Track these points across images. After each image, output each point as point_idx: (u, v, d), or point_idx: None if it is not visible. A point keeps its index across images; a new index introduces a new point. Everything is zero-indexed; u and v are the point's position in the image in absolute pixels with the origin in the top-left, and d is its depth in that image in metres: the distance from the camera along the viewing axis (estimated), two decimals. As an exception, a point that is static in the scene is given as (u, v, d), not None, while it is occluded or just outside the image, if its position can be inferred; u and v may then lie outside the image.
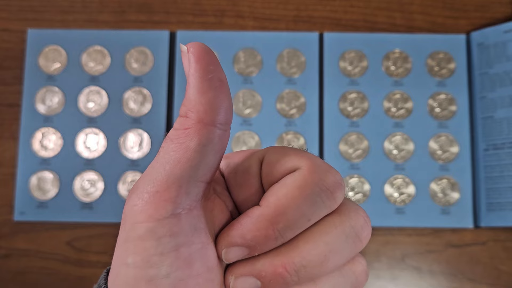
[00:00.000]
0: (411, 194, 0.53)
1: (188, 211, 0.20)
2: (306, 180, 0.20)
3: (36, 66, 0.55)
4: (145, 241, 0.19)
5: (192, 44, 0.20)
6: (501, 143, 0.52)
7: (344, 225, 0.21)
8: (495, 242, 0.53)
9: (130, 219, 0.20)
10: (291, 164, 0.21)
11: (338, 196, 0.21)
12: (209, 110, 0.19)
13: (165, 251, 0.19)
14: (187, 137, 0.19)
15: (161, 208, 0.19)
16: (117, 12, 0.56)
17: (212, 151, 0.20)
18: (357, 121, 0.54)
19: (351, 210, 0.21)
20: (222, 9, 0.56)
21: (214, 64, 0.20)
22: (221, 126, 0.20)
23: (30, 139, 0.53)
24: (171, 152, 0.19)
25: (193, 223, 0.20)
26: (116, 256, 0.20)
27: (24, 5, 0.56)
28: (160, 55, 0.55)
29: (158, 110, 0.54)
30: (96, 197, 0.52)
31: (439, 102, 0.54)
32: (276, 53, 0.55)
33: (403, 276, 0.52)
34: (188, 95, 0.20)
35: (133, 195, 0.20)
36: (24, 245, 0.52)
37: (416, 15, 0.56)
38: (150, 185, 0.19)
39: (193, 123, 0.19)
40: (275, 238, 0.20)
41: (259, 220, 0.20)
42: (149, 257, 0.19)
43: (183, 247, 0.20)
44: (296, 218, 0.20)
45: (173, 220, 0.19)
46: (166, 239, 0.19)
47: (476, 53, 0.55)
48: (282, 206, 0.20)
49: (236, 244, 0.20)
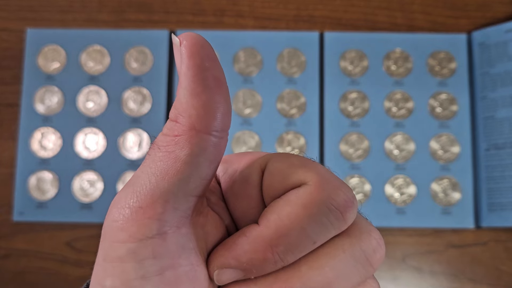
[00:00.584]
0: (412, 194, 0.52)
1: (175, 229, 0.17)
2: (313, 197, 0.18)
3: (35, 65, 0.54)
4: (125, 263, 0.17)
5: (186, 35, 0.17)
6: (502, 142, 0.52)
7: (354, 248, 0.18)
8: (496, 242, 0.53)
9: (110, 237, 0.17)
10: (296, 178, 0.18)
11: (348, 217, 0.18)
12: (203, 115, 0.17)
13: (148, 275, 0.17)
14: (176, 145, 0.17)
15: (144, 227, 0.17)
16: (117, 11, 0.56)
17: (206, 161, 0.17)
18: (357, 121, 0.54)
19: (362, 231, 0.19)
20: (222, 9, 0.56)
21: (211, 59, 0.17)
22: (217, 133, 0.17)
23: (29, 139, 0.53)
24: (158, 161, 0.17)
25: (181, 243, 0.18)
26: (94, 275, 0.18)
27: (23, 5, 0.56)
28: (159, 54, 0.54)
29: (157, 110, 0.54)
30: (96, 197, 0.52)
31: (440, 101, 0.54)
32: (276, 53, 0.55)
33: (404, 277, 0.52)
34: (179, 97, 0.17)
35: (114, 209, 0.17)
36: (23, 245, 0.52)
37: (417, 15, 0.56)
38: (133, 199, 0.17)
39: (184, 130, 0.17)
40: (275, 262, 0.18)
41: (257, 241, 0.18)
42: (129, 281, 0.17)
43: (168, 270, 0.17)
44: (300, 241, 0.18)
45: (158, 241, 0.17)
46: (149, 262, 0.17)
47: (477, 53, 0.54)
48: (284, 227, 0.18)
49: (230, 266, 0.18)
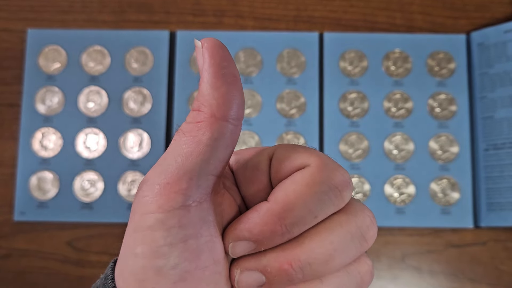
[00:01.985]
0: (411, 194, 0.53)
1: (198, 203, 0.20)
2: (314, 177, 0.20)
3: (36, 66, 0.55)
4: (154, 231, 0.19)
5: (206, 39, 0.20)
6: (501, 143, 0.52)
7: (350, 224, 0.21)
8: (495, 242, 0.53)
9: (140, 210, 0.20)
10: (300, 161, 0.21)
11: (345, 195, 0.21)
12: (222, 105, 0.20)
13: (174, 242, 0.19)
14: (199, 130, 0.20)
15: (172, 200, 0.19)
16: (117, 12, 0.56)
17: (224, 145, 0.20)
18: (357, 121, 0.54)
19: (357, 209, 0.21)
20: (222, 9, 0.56)
21: (228, 59, 0.20)
22: (233, 121, 0.20)
23: (30, 139, 0.53)
24: (183, 145, 0.20)
25: (202, 216, 0.20)
26: (124, 246, 0.20)
27: (24, 5, 0.56)
28: (160, 55, 0.55)
29: (158, 110, 0.54)
30: (96, 197, 0.52)
31: (439, 102, 0.54)
32: (276, 53, 0.55)
33: (403, 276, 0.52)
34: (201, 90, 0.20)
35: (144, 186, 0.20)
36: (24, 245, 0.52)
37: (416, 15, 0.56)
38: (161, 177, 0.19)
39: (206, 117, 0.20)
40: (282, 233, 0.20)
41: (267, 215, 0.20)
42: (158, 247, 0.19)
43: (191, 238, 0.20)
44: (303, 215, 0.20)
45: (183, 212, 0.19)
46: (175, 230, 0.19)
47: (476, 53, 0.55)
48: (290, 202, 0.20)
49: (243, 238, 0.21)
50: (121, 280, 0.21)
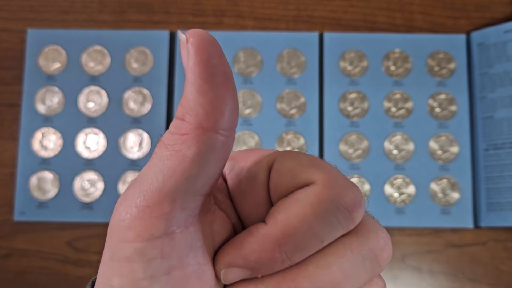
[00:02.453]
0: (411, 194, 0.53)
1: (183, 228, 0.17)
2: (321, 197, 0.18)
3: (36, 66, 0.55)
4: (132, 263, 0.17)
5: (192, 32, 0.16)
6: (501, 143, 0.52)
7: (361, 247, 0.18)
8: (495, 242, 0.53)
9: (117, 236, 0.17)
10: (304, 177, 0.18)
11: (356, 216, 0.18)
12: (211, 113, 0.16)
13: (156, 275, 0.17)
14: (184, 144, 0.17)
15: (152, 226, 0.17)
16: (117, 12, 0.56)
17: (213, 160, 0.17)
18: (357, 121, 0.54)
19: (370, 230, 0.19)
20: (222, 9, 0.56)
21: (218, 56, 0.17)
22: (224, 132, 0.17)
23: (30, 139, 0.53)
24: (165, 160, 0.17)
25: (188, 242, 0.18)
26: (101, 274, 0.18)
27: (24, 5, 0.56)
28: (160, 55, 0.55)
29: (158, 110, 0.54)
30: (96, 197, 0.52)
31: (439, 102, 0.54)
32: (276, 53, 0.55)
33: (403, 276, 0.52)
34: (186, 94, 0.17)
35: (121, 207, 0.17)
36: (24, 245, 0.52)
37: (416, 15, 0.56)
38: (140, 198, 0.17)
39: (192, 129, 0.16)
40: (282, 261, 0.18)
41: (265, 240, 0.18)
42: (137, 281, 0.17)
43: (176, 269, 0.17)
44: (307, 240, 0.18)
45: (166, 240, 0.17)
46: (157, 261, 0.17)
47: (476, 53, 0.55)
48: (291, 226, 0.17)
49: (237, 265, 0.18)
50: None
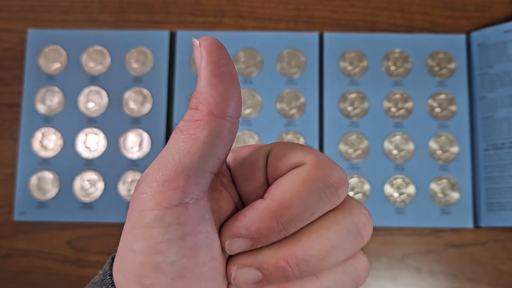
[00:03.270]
0: (411, 194, 0.53)
1: (195, 200, 0.20)
2: (311, 175, 0.21)
3: (36, 66, 0.55)
4: (152, 228, 0.19)
5: (204, 38, 0.20)
6: (501, 143, 0.52)
7: (346, 221, 0.21)
8: (495, 242, 0.53)
9: (138, 207, 0.20)
10: (296, 159, 0.21)
11: (342, 193, 0.21)
12: (220, 103, 0.20)
13: (172, 239, 0.19)
14: (197, 128, 0.20)
15: (170, 197, 0.19)
16: (117, 12, 0.56)
17: (221, 143, 0.20)
18: (357, 121, 0.54)
19: (353, 207, 0.22)
20: (222, 9, 0.56)
21: (226, 58, 0.20)
22: (231, 119, 0.20)
23: (30, 139, 0.53)
24: (180, 142, 0.20)
25: (200, 213, 0.20)
26: (122, 242, 0.21)
27: (24, 5, 0.56)
28: (160, 55, 0.55)
29: (158, 110, 0.54)
30: (96, 197, 0.52)
31: (439, 102, 0.54)
32: (276, 53, 0.55)
33: (403, 276, 0.52)
34: (199, 88, 0.20)
35: (142, 183, 0.20)
36: (24, 245, 0.52)
37: (416, 15, 0.56)
38: (159, 174, 0.20)
39: (204, 115, 0.20)
40: (279, 231, 0.20)
41: (264, 213, 0.20)
42: (156, 244, 0.19)
43: (189, 235, 0.20)
44: (300, 212, 0.20)
45: (181, 209, 0.20)
46: (173, 227, 0.19)
47: (476, 53, 0.55)
48: (286, 200, 0.20)
49: (240, 236, 0.21)
50: (119, 276, 0.21)
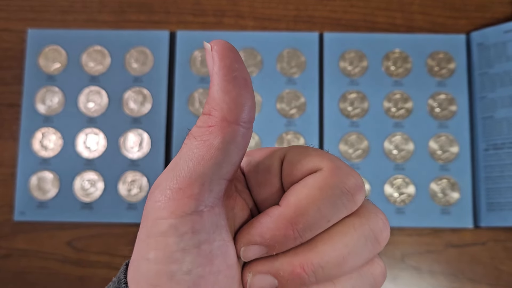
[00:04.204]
0: (411, 194, 0.53)
1: (210, 208, 0.20)
2: (327, 181, 0.20)
3: (36, 66, 0.55)
4: (167, 237, 0.19)
5: (216, 42, 0.19)
6: (501, 143, 0.52)
7: (363, 227, 0.21)
8: (495, 242, 0.53)
9: (153, 215, 0.20)
10: (312, 165, 0.21)
11: (358, 199, 0.21)
12: (233, 109, 0.19)
13: (187, 248, 0.19)
14: (210, 134, 0.19)
15: (184, 205, 0.19)
16: (117, 12, 0.56)
17: (235, 149, 0.20)
18: (357, 121, 0.54)
19: (370, 212, 0.21)
20: (222, 9, 0.56)
21: (238, 62, 0.20)
22: (245, 124, 0.20)
23: (30, 139, 0.53)
24: (194, 149, 0.19)
25: (214, 221, 0.20)
26: (137, 250, 0.20)
27: (24, 5, 0.56)
28: (160, 55, 0.55)
29: (158, 110, 0.54)
30: (96, 197, 0.52)
31: (439, 102, 0.54)
32: (276, 53, 0.55)
33: (403, 276, 0.52)
34: (212, 94, 0.19)
35: (156, 191, 0.20)
36: (24, 245, 0.52)
37: (416, 15, 0.56)
38: (173, 182, 0.19)
39: (217, 121, 0.19)
40: (294, 238, 0.20)
41: (279, 220, 0.20)
42: (171, 253, 0.19)
43: (204, 244, 0.20)
44: (316, 219, 0.20)
45: (196, 217, 0.19)
46: (188, 236, 0.19)
47: (476, 53, 0.55)
48: (302, 207, 0.20)
49: (255, 243, 0.21)
50: (134, 284, 0.21)
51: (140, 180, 0.53)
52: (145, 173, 0.53)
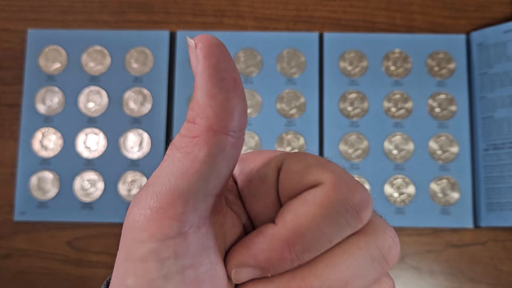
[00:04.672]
0: (411, 194, 0.53)
1: (195, 228, 0.18)
2: (329, 198, 0.18)
3: (36, 66, 0.55)
4: (147, 263, 0.17)
5: (201, 37, 0.17)
6: (501, 143, 0.52)
7: (369, 246, 0.19)
8: (495, 242, 0.53)
9: (131, 237, 0.17)
10: (313, 178, 0.18)
11: (364, 216, 0.18)
12: (221, 116, 0.17)
13: (169, 275, 0.17)
14: (195, 146, 0.17)
15: (166, 227, 0.17)
16: (117, 12, 0.56)
17: (224, 161, 0.17)
18: (357, 121, 0.54)
19: (378, 229, 0.19)
20: (222, 9, 0.56)
21: (226, 60, 0.17)
22: (234, 133, 0.17)
23: (30, 139, 0.53)
24: (176, 162, 0.17)
25: (201, 242, 0.18)
26: (116, 274, 0.18)
27: (24, 5, 0.56)
28: (160, 55, 0.55)
29: (158, 110, 0.54)
30: (96, 197, 0.52)
31: (439, 102, 0.54)
32: (276, 53, 0.55)
33: (403, 276, 0.52)
34: (196, 98, 0.17)
35: (134, 208, 0.18)
36: (24, 245, 0.52)
37: (416, 15, 0.56)
38: (153, 200, 0.17)
39: (202, 131, 0.17)
40: (291, 260, 0.18)
41: (274, 241, 0.18)
42: (152, 280, 0.17)
43: (189, 269, 0.17)
44: (316, 240, 0.18)
45: (179, 240, 0.17)
46: (170, 261, 0.17)
47: (476, 53, 0.55)
48: (300, 226, 0.18)
49: (248, 265, 0.18)
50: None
51: (140, 180, 0.53)
52: (145, 173, 0.53)
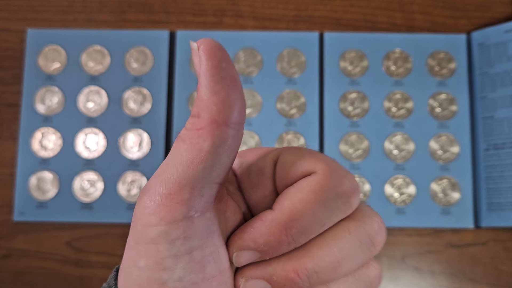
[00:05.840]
0: (411, 194, 0.53)
1: (201, 213, 0.19)
2: (321, 185, 0.20)
3: (35, 66, 0.55)
4: (158, 244, 0.19)
5: (203, 41, 0.19)
6: (502, 143, 0.52)
7: (358, 230, 0.20)
8: (495, 242, 0.53)
9: (142, 221, 0.19)
10: (306, 168, 0.20)
11: (353, 202, 0.20)
12: (223, 110, 0.19)
13: (179, 254, 0.19)
14: (200, 137, 0.19)
15: (174, 211, 0.19)
16: (117, 12, 0.56)
17: (226, 151, 0.19)
18: (357, 121, 0.54)
19: (366, 215, 0.21)
20: (222, 9, 0.56)
21: (226, 61, 0.19)
22: (235, 126, 0.19)
23: (30, 139, 0.53)
24: (183, 153, 0.19)
25: (206, 226, 0.20)
26: (126, 257, 0.20)
27: (24, 5, 0.56)
28: (160, 55, 0.55)
29: (158, 110, 0.54)
30: (96, 197, 0.52)
31: (439, 102, 0.54)
32: (276, 53, 0.55)
33: (403, 276, 0.52)
34: (200, 95, 0.19)
35: (144, 196, 0.19)
36: (23, 245, 0.52)
37: (417, 15, 0.56)
38: (163, 187, 0.19)
39: (206, 124, 0.19)
40: (288, 243, 0.20)
41: (272, 225, 0.20)
42: (162, 260, 0.19)
43: (196, 250, 0.19)
44: (310, 224, 0.20)
45: (187, 223, 0.19)
46: (179, 242, 0.19)
47: (477, 53, 0.54)
48: (296, 211, 0.20)
49: (248, 248, 0.20)
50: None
51: (140, 180, 0.53)
52: (145, 173, 0.53)
